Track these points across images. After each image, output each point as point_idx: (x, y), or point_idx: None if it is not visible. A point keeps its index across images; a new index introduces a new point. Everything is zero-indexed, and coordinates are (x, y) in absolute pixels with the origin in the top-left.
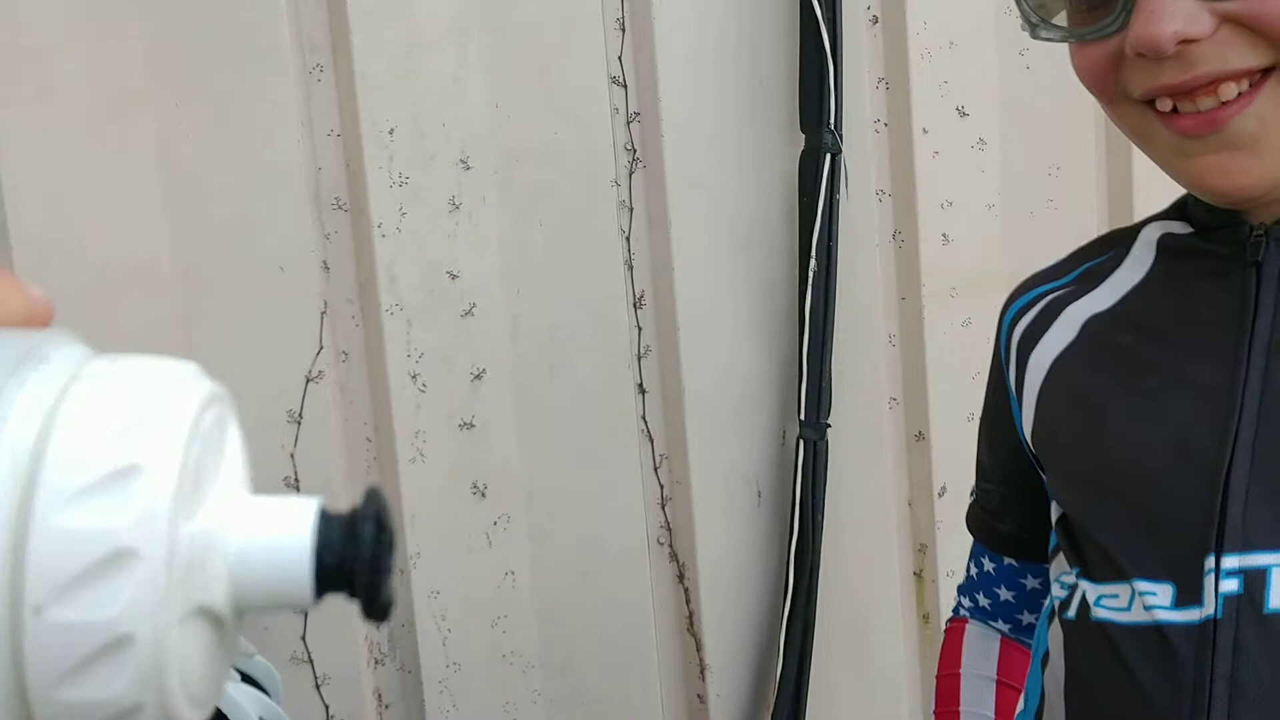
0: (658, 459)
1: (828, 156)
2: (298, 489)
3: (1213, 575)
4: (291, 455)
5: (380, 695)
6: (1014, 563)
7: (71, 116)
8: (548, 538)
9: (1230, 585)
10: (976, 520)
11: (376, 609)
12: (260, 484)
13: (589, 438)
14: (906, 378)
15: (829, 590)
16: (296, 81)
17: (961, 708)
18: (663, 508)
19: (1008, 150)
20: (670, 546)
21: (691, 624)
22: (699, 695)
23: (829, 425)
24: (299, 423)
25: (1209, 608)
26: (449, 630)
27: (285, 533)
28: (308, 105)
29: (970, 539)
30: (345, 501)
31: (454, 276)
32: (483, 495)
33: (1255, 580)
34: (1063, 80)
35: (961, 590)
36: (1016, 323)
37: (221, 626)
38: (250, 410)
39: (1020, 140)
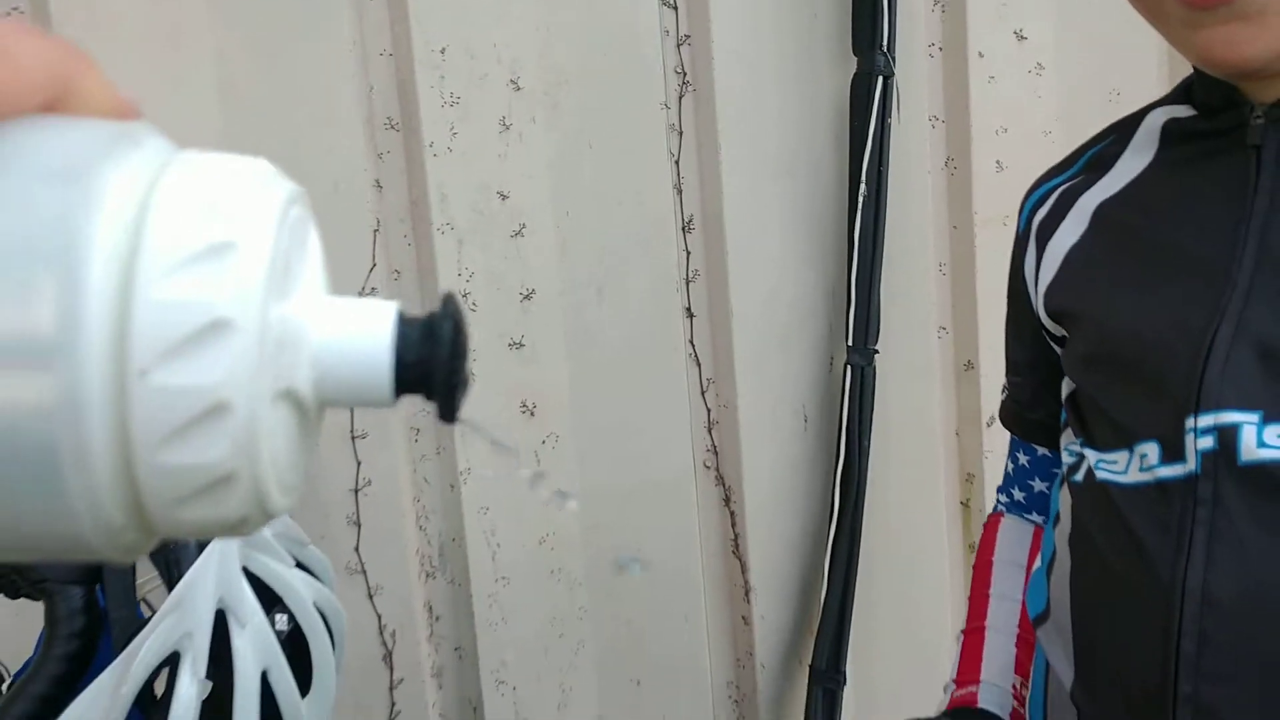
0: (705, 383)
1: (880, 80)
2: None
3: (1192, 434)
4: None
5: (431, 607)
6: (1047, 452)
7: (132, 42)
8: (595, 458)
9: (1207, 442)
10: (1010, 414)
11: (450, 410)
12: None
13: (637, 360)
14: (956, 306)
15: (874, 516)
16: (349, 1)
17: (992, 590)
18: (709, 431)
19: (1066, 75)
20: (716, 470)
21: (737, 546)
22: (743, 616)
23: (877, 351)
24: None
25: (1191, 463)
26: (498, 545)
27: (366, 331)
28: (360, 25)
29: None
30: (393, 422)
31: (504, 197)
32: (532, 414)
33: (1228, 436)
34: (1125, 2)
35: (1000, 489)
36: (1035, 213)
37: (305, 416)
38: None
39: (1079, 65)
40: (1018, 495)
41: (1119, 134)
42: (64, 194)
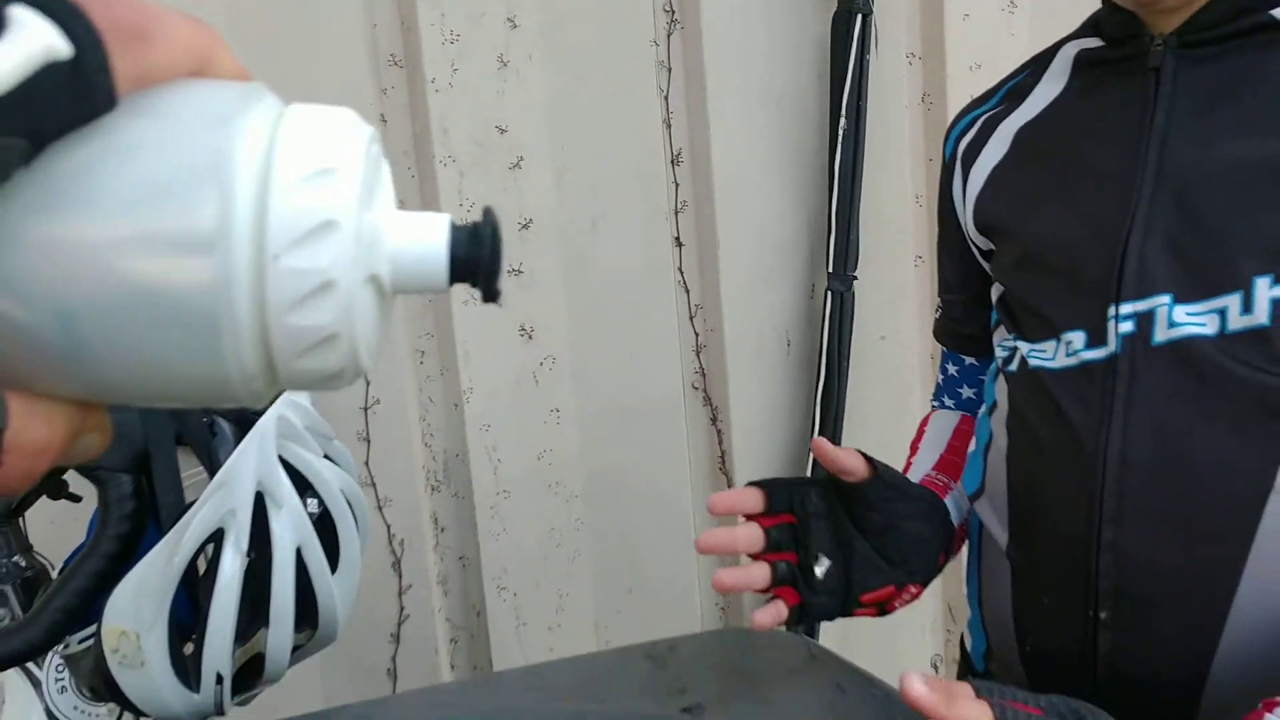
0: (693, 308)
1: (859, 18)
2: None
3: (1114, 320)
4: None
5: (436, 519)
6: (974, 361)
7: None
8: (590, 379)
9: (1126, 326)
10: (944, 329)
11: (492, 293)
12: None
13: (629, 287)
14: (932, 236)
15: (854, 435)
16: None
17: (917, 454)
18: (698, 355)
19: (1039, 12)
20: (704, 391)
21: (724, 463)
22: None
23: (856, 278)
24: None
25: (1112, 346)
26: (499, 460)
27: (427, 235)
28: None
29: None
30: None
31: (502, 131)
32: (530, 337)
33: (1145, 320)
34: None
35: (933, 398)
36: (959, 141)
37: (383, 298)
38: None
39: (1051, 3)
40: (948, 402)
41: (1035, 66)
42: (218, 134)
